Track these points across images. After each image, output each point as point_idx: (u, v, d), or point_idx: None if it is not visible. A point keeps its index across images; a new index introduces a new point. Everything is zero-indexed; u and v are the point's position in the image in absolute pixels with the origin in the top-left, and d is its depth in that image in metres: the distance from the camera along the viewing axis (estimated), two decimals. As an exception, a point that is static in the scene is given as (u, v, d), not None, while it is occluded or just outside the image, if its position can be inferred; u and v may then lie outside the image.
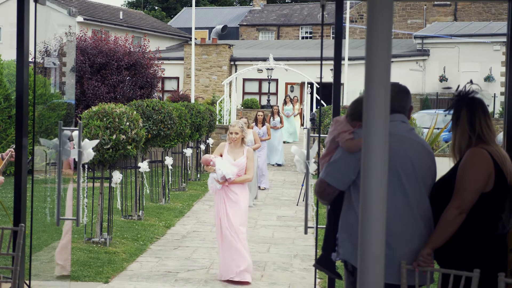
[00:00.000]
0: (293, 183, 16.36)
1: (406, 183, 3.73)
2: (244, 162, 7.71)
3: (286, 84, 33.58)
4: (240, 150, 7.82)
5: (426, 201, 3.83)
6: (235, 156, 7.74)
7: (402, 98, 3.93)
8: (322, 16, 5.86)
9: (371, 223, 1.48)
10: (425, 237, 3.78)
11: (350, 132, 3.82)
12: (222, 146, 7.96)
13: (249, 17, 47.59)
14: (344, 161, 3.81)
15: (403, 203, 3.74)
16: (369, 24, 1.47)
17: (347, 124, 3.89)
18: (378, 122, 1.47)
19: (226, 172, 7.60)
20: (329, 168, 3.87)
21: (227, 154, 7.76)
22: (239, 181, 7.64)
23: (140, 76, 19.89)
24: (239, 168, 7.67)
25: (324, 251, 4.09)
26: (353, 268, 3.83)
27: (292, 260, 8.52)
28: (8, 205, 9.28)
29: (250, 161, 7.77)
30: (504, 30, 27.26)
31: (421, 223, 3.78)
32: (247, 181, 7.79)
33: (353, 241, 3.79)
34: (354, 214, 3.80)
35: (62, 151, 6.28)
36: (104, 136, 8.67)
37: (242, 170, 7.69)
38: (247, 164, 7.72)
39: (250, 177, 7.82)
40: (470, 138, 3.86)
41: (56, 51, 11.26)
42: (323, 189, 3.89)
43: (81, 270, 7.60)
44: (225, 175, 7.60)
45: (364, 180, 1.49)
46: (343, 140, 3.81)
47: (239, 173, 7.65)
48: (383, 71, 1.47)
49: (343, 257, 3.86)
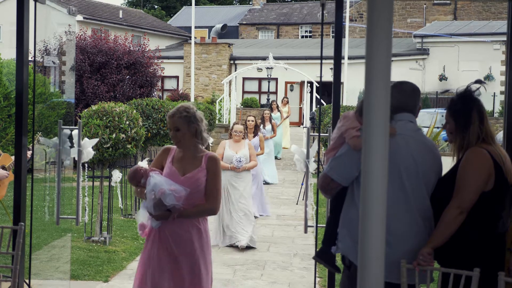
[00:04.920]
0: (293, 182, 16.36)
1: (407, 182, 3.74)
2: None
3: (285, 83, 33.58)
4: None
5: (427, 201, 3.83)
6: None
7: (416, 97, 3.95)
8: (322, 15, 5.86)
9: (371, 221, 1.48)
10: (425, 237, 3.79)
11: (358, 129, 3.83)
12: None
13: (249, 16, 47.57)
14: (349, 158, 3.83)
15: (403, 202, 3.75)
16: (369, 23, 1.47)
17: (355, 120, 3.90)
18: (379, 121, 1.47)
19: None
20: (333, 163, 3.90)
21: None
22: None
23: (139, 75, 19.89)
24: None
25: (324, 244, 4.12)
26: (350, 262, 3.86)
27: (292, 259, 8.52)
28: (8, 204, 9.28)
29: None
30: (504, 29, 27.23)
31: (421, 222, 3.79)
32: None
33: (353, 237, 3.81)
34: (355, 210, 3.82)
35: (61, 150, 6.28)
36: (104, 135, 8.67)
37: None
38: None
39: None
40: (478, 139, 3.87)
41: (56, 50, 11.26)
42: (327, 184, 3.92)
43: (80, 269, 7.60)
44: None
45: (364, 178, 1.49)
46: (350, 136, 3.83)
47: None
48: (383, 70, 1.47)
49: (342, 252, 3.90)
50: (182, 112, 4.55)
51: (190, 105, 4.68)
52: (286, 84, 33.64)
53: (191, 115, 4.57)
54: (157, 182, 4.41)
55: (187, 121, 4.55)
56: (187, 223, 4.49)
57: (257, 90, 33.82)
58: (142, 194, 4.55)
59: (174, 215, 4.41)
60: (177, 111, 4.56)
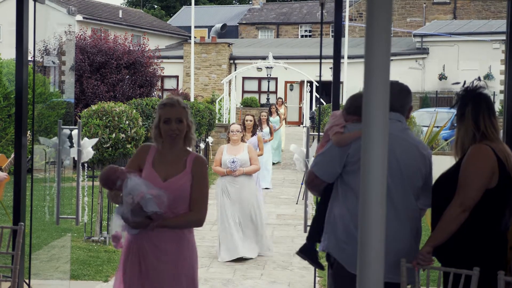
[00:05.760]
0: (293, 182, 16.35)
1: (390, 183, 3.71)
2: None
3: (285, 83, 33.58)
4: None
5: (413, 202, 3.81)
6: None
7: (402, 98, 3.93)
8: (322, 15, 5.86)
9: (370, 222, 1.48)
10: (411, 237, 3.78)
11: (341, 126, 3.84)
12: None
13: (249, 16, 47.57)
14: (330, 154, 3.85)
15: (388, 203, 3.71)
16: (368, 22, 1.47)
17: (341, 118, 3.92)
18: (378, 120, 1.47)
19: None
20: (317, 160, 3.95)
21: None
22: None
23: (139, 74, 19.89)
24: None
25: (308, 240, 4.15)
26: (334, 260, 3.85)
27: (292, 259, 8.52)
28: (8, 204, 9.28)
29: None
30: (503, 28, 27.19)
31: (407, 223, 3.77)
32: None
33: (336, 234, 3.81)
34: (339, 207, 3.82)
35: (61, 150, 6.28)
36: (104, 135, 8.67)
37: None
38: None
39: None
40: (474, 135, 3.82)
41: (56, 50, 11.26)
42: (311, 180, 3.96)
43: (80, 269, 7.60)
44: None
45: (363, 178, 1.49)
46: (333, 133, 3.85)
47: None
48: (382, 69, 1.47)
49: (326, 249, 3.90)
50: (182, 103, 4.00)
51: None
52: (285, 84, 33.63)
53: (188, 108, 4.06)
54: (136, 185, 3.81)
55: (187, 114, 4.00)
56: (169, 234, 3.85)
57: (257, 90, 33.81)
58: (117, 199, 3.91)
59: (154, 224, 3.78)
60: (176, 101, 3.98)
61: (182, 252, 3.88)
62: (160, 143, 3.99)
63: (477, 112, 3.83)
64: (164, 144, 3.98)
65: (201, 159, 4.03)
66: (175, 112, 3.93)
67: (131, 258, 3.88)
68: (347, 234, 3.73)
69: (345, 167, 3.79)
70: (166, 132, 3.94)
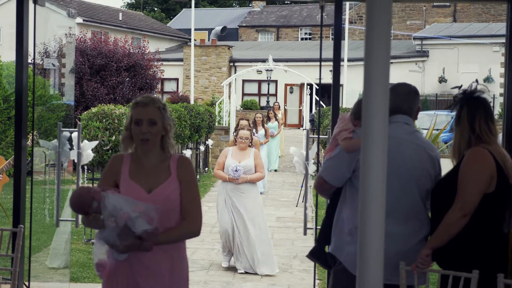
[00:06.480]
0: (293, 184, 16.35)
1: (397, 184, 3.71)
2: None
3: (285, 85, 33.59)
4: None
5: (420, 204, 3.81)
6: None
7: (411, 99, 3.92)
8: (321, 17, 5.86)
9: (370, 223, 1.48)
10: (417, 240, 3.78)
11: (350, 131, 3.84)
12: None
13: (249, 18, 47.59)
14: (339, 159, 3.86)
15: (394, 204, 3.70)
16: (368, 25, 1.47)
17: (349, 122, 3.91)
18: (377, 123, 1.47)
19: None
20: (326, 165, 3.96)
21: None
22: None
23: (139, 77, 19.90)
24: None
25: (318, 243, 4.16)
26: (337, 261, 3.87)
27: (292, 261, 8.52)
28: (8, 206, 9.27)
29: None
30: (503, 31, 27.16)
31: (412, 224, 3.77)
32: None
33: (342, 236, 3.82)
34: (346, 210, 3.83)
35: (61, 152, 6.28)
36: (104, 137, 8.68)
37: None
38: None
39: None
40: (470, 138, 3.80)
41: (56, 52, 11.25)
42: (320, 185, 3.97)
43: (80, 272, 7.59)
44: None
45: (363, 181, 1.49)
46: (341, 138, 3.85)
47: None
48: (382, 72, 1.47)
49: (332, 251, 3.92)
50: (157, 102, 3.44)
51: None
52: (285, 86, 33.65)
53: (167, 109, 3.50)
54: (116, 204, 3.24)
55: (163, 116, 3.44)
56: (156, 251, 3.32)
57: (257, 92, 33.83)
58: (97, 223, 3.31)
59: (149, 244, 3.27)
60: (151, 100, 3.43)
61: (173, 270, 3.42)
62: (131, 148, 3.49)
63: (473, 115, 3.80)
64: (136, 150, 3.46)
65: (185, 159, 3.53)
66: (148, 113, 3.39)
67: (116, 282, 3.37)
68: (352, 236, 3.74)
69: (355, 171, 3.80)
70: (136, 135, 3.40)
